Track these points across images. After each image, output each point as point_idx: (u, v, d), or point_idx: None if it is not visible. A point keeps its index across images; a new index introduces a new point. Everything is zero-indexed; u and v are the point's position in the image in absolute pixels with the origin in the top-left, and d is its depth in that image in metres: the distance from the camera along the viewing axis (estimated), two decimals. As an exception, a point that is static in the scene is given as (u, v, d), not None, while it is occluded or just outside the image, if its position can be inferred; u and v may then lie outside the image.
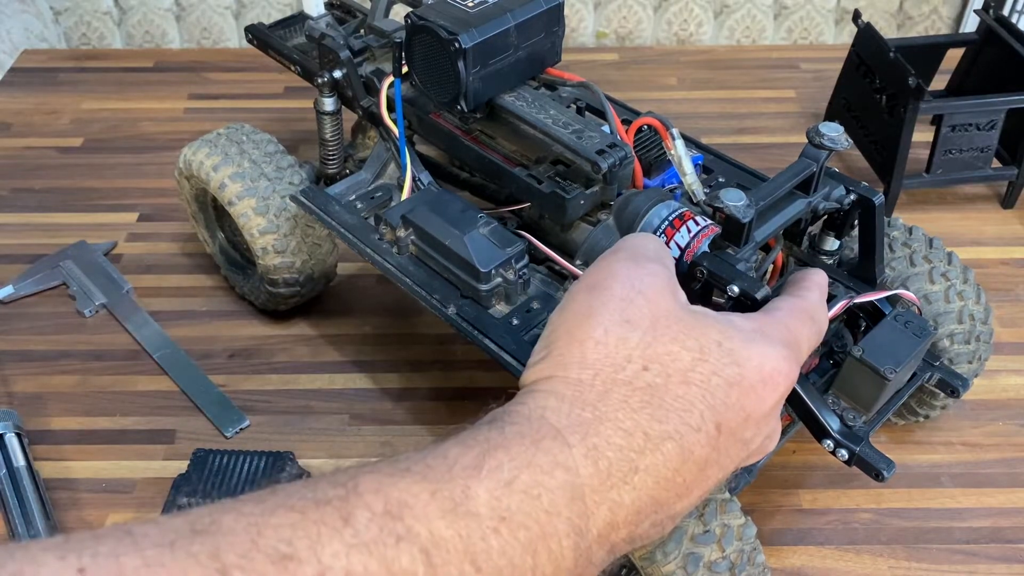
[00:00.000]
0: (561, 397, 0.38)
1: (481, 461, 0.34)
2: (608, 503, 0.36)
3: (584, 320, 0.41)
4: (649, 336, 0.39)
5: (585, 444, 0.36)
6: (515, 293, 0.64)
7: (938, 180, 0.99)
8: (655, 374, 0.38)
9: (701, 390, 0.39)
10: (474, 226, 0.64)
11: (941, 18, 1.33)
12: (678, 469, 0.38)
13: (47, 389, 0.82)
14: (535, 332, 0.63)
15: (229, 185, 0.78)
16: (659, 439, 0.37)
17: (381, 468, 0.34)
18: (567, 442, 0.36)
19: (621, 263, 0.44)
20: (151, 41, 1.35)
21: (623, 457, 0.36)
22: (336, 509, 0.31)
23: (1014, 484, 0.74)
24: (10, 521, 0.68)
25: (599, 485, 0.35)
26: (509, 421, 0.37)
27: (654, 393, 0.38)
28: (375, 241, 0.70)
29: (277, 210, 0.79)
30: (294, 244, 0.80)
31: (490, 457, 0.34)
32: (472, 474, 0.33)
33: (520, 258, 0.64)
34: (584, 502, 0.35)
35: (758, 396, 0.40)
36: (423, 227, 0.66)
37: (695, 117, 1.16)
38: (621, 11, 1.33)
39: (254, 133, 0.82)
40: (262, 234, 0.79)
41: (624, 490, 0.36)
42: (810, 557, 0.69)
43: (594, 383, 0.38)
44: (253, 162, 0.79)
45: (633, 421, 0.37)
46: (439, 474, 0.33)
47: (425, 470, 0.34)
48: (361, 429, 0.79)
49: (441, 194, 0.71)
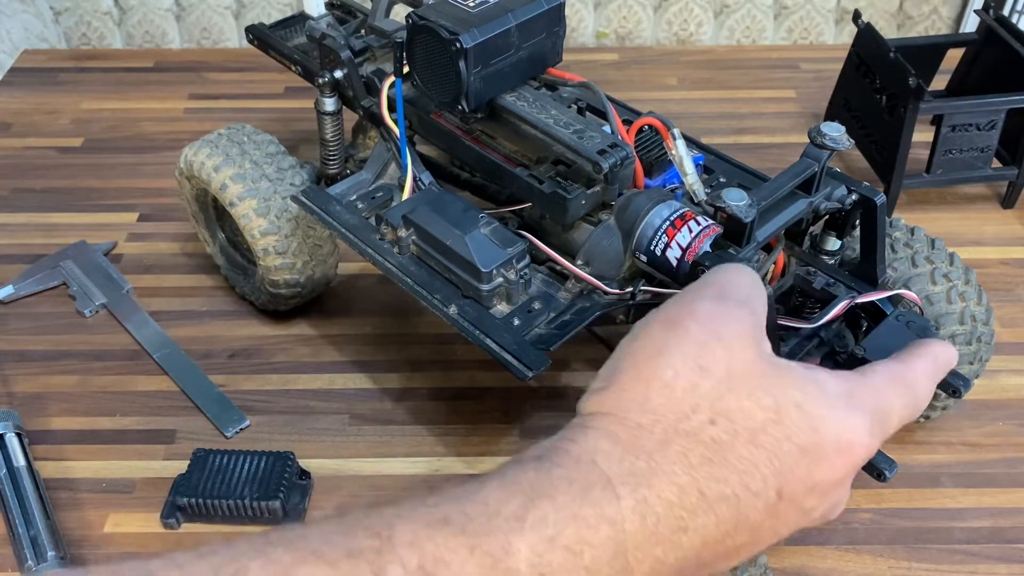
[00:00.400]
0: (616, 441, 0.35)
1: (525, 512, 0.32)
2: (651, 560, 0.34)
3: (654, 357, 0.38)
4: (723, 387, 0.36)
5: (635, 497, 0.34)
6: (516, 293, 0.64)
7: (938, 180, 0.99)
8: (722, 429, 0.36)
9: (768, 453, 0.36)
10: (475, 226, 0.64)
11: (941, 18, 1.33)
12: (729, 532, 0.35)
13: (47, 389, 0.82)
14: (536, 332, 0.63)
15: (230, 186, 0.78)
16: (714, 500, 0.35)
17: (418, 515, 0.32)
18: (616, 493, 0.33)
19: (704, 302, 0.40)
20: (151, 41, 1.35)
21: (673, 515, 0.34)
22: (369, 564, 0.30)
23: (1014, 484, 0.74)
24: (10, 521, 0.68)
25: (643, 542, 0.33)
26: (557, 463, 0.35)
27: (717, 450, 0.35)
28: (376, 241, 0.70)
29: (278, 211, 0.78)
30: (295, 245, 0.80)
31: (534, 508, 0.32)
32: (515, 527, 0.32)
33: (521, 258, 0.64)
34: (627, 558, 0.33)
35: (830, 465, 0.37)
36: (424, 227, 0.66)
37: (695, 117, 1.16)
38: (621, 11, 1.33)
39: (255, 134, 0.82)
40: (263, 235, 0.79)
41: (669, 548, 0.34)
42: (810, 557, 0.69)
43: (654, 430, 0.35)
44: (254, 163, 0.79)
45: (690, 477, 0.35)
46: (478, 526, 0.32)
47: (464, 521, 0.32)
48: (361, 429, 0.79)
49: (442, 194, 0.71)
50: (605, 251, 0.65)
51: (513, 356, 0.61)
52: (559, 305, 0.65)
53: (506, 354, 0.61)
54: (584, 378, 0.83)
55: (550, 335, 0.63)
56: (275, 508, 0.69)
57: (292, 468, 0.72)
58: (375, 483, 0.74)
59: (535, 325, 0.63)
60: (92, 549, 0.69)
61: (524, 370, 0.60)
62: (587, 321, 0.64)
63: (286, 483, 0.70)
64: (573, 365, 0.84)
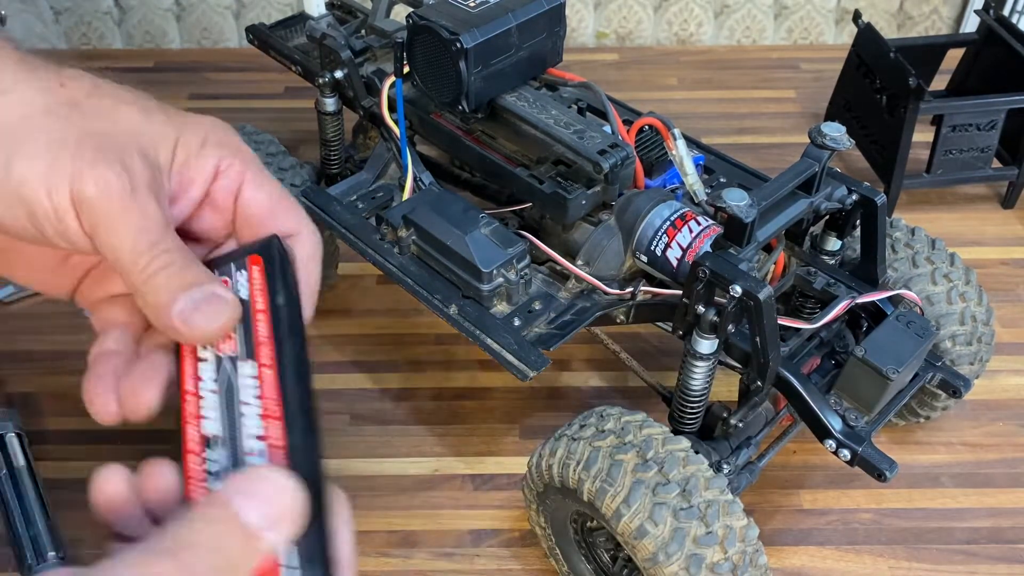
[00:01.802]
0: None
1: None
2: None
3: None
4: None
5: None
6: (517, 293, 0.64)
7: (938, 180, 0.99)
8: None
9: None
10: (476, 226, 0.64)
11: (941, 18, 1.33)
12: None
13: (47, 389, 0.82)
14: (536, 332, 0.63)
15: None
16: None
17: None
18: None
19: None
20: (151, 41, 1.35)
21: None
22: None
23: (1014, 484, 0.74)
24: (10, 521, 0.68)
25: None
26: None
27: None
28: (376, 241, 0.70)
29: None
30: None
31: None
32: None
33: (522, 258, 0.64)
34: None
35: None
36: (424, 227, 0.66)
37: (695, 117, 1.16)
38: (621, 11, 1.33)
39: (256, 134, 0.82)
40: None
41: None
42: (811, 557, 0.69)
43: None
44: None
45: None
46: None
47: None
48: (361, 429, 0.79)
49: (442, 194, 0.71)
50: (605, 251, 0.65)
51: (514, 356, 0.61)
52: (559, 305, 0.65)
53: (507, 354, 0.61)
54: (584, 378, 0.83)
55: (550, 335, 0.63)
56: (275, 508, 0.69)
57: (292, 468, 0.72)
58: (375, 483, 0.74)
59: (535, 325, 0.63)
60: (92, 549, 0.69)
61: (525, 370, 0.60)
62: (587, 321, 0.64)
63: (286, 483, 0.70)
64: (573, 365, 0.84)
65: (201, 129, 0.33)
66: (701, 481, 0.54)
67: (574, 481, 0.56)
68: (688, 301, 0.57)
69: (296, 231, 0.35)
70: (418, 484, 0.74)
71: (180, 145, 0.32)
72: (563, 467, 0.57)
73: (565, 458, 0.57)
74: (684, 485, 0.54)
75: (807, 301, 0.68)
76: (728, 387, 0.73)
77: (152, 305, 0.31)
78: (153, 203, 0.31)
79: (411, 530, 0.71)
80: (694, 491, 0.54)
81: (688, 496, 0.53)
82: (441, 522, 0.72)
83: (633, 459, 0.55)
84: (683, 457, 0.55)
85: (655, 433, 0.57)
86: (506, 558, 0.69)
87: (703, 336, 0.58)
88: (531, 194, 0.66)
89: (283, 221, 0.34)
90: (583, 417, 0.61)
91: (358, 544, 0.73)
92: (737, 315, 0.56)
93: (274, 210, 0.34)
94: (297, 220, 0.35)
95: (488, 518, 0.72)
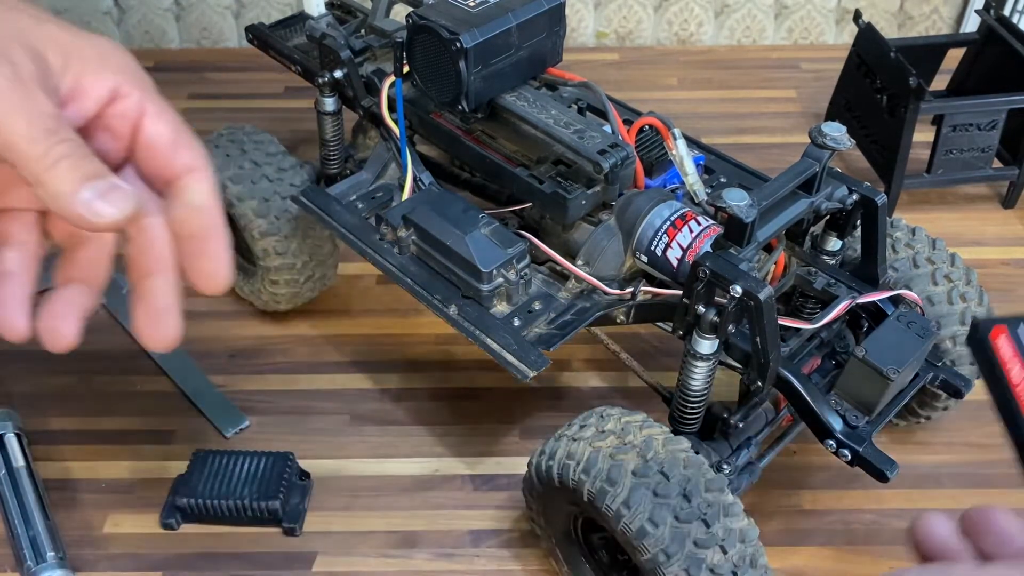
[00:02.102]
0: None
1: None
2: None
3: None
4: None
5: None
6: (516, 293, 0.64)
7: (939, 180, 0.99)
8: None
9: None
10: (475, 226, 0.64)
11: (942, 18, 1.33)
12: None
13: (47, 389, 0.82)
14: (536, 332, 0.63)
15: (229, 186, 0.78)
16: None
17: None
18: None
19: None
20: (151, 41, 1.35)
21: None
22: None
23: (1016, 485, 0.74)
24: (10, 521, 0.68)
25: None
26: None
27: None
28: (376, 241, 0.69)
29: (278, 212, 0.78)
30: (295, 246, 0.80)
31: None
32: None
33: (522, 258, 0.64)
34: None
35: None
36: (424, 227, 0.65)
37: (695, 117, 1.16)
38: (621, 11, 1.33)
39: (256, 133, 0.82)
40: (263, 236, 0.78)
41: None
42: (811, 557, 0.69)
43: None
44: (254, 163, 0.79)
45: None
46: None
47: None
48: (361, 429, 0.79)
49: (442, 194, 0.71)
50: (605, 251, 0.65)
51: (514, 356, 0.61)
52: (559, 305, 0.65)
53: (507, 354, 0.61)
54: (584, 378, 0.83)
55: (550, 335, 0.63)
56: (275, 509, 0.69)
57: (292, 469, 0.72)
58: (375, 484, 0.74)
59: (535, 325, 0.63)
60: (92, 549, 0.69)
61: (525, 370, 0.60)
62: (587, 321, 0.64)
63: (286, 484, 0.70)
64: (573, 365, 0.84)
65: (98, 46, 0.34)
66: (702, 482, 0.54)
67: (574, 482, 0.56)
68: (688, 301, 0.57)
69: (195, 167, 0.35)
70: (418, 484, 0.74)
71: (74, 55, 0.32)
72: (563, 468, 0.57)
73: (565, 459, 0.57)
74: (684, 486, 0.54)
75: (807, 301, 0.68)
76: (729, 387, 0.73)
77: (54, 194, 0.30)
78: (42, 95, 0.30)
79: (411, 530, 0.71)
80: (694, 492, 0.53)
81: (688, 497, 0.53)
82: (441, 522, 0.72)
83: (633, 460, 0.55)
84: (684, 458, 0.55)
85: (655, 434, 0.57)
86: (506, 558, 0.69)
87: (703, 336, 0.57)
88: (531, 194, 0.66)
89: (184, 155, 0.34)
90: (583, 418, 0.61)
91: (358, 544, 0.72)
92: (737, 315, 0.56)
93: (176, 143, 0.34)
94: (196, 156, 0.35)
95: (488, 518, 0.72)
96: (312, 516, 0.72)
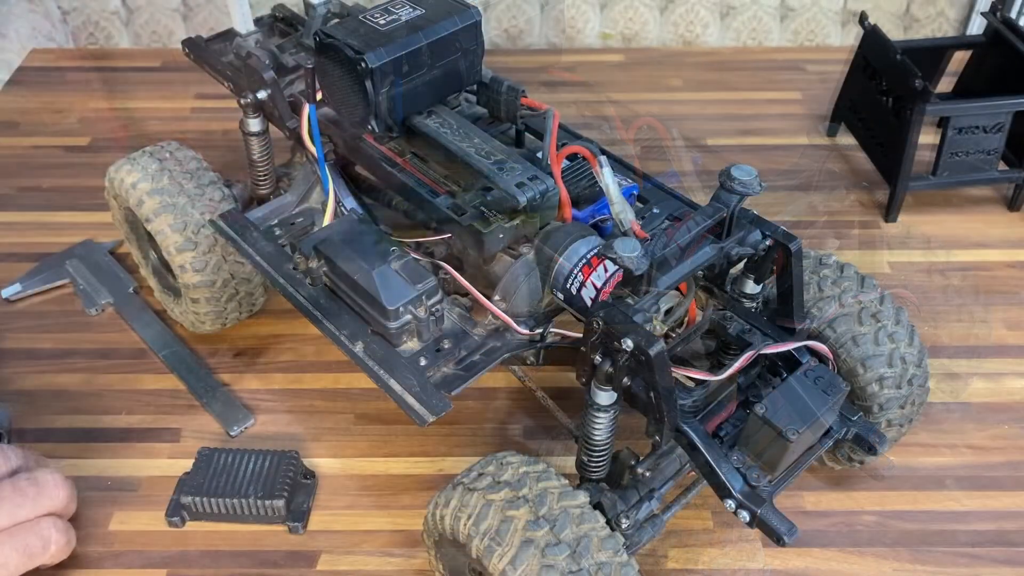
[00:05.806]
0: None
1: None
2: None
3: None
4: None
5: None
6: (427, 330, 0.62)
7: (944, 182, 0.99)
8: None
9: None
10: (385, 260, 0.62)
11: (947, 20, 1.33)
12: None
13: (53, 387, 0.82)
14: (443, 372, 0.62)
15: (146, 201, 0.76)
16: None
17: None
18: None
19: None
20: (158, 41, 1.36)
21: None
22: None
23: (1019, 487, 0.74)
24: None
25: None
26: None
27: None
28: (289, 272, 0.67)
29: (195, 227, 0.76)
30: (214, 262, 0.77)
31: None
32: None
33: (432, 294, 0.62)
34: None
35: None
36: (334, 259, 0.63)
37: (700, 118, 1.16)
38: (627, 12, 1.33)
39: (179, 150, 0.80)
40: (179, 251, 0.76)
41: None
42: (814, 559, 0.69)
43: None
44: (172, 179, 0.77)
45: None
46: None
47: None
48: (366, 428, 0.79)
49: (356, 224, 0.68)
50: (521, 287, 0.63)
51: (416, 399, 0.59)
52: (471, 343, 0.63)
53: (408, 397, 0.59)
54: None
55: (455, 376, 0.61)
56: (279, 507, 0.69)
57: (297, 467, 0.72)
58: (379, 483, 0.75)
59: (443, 365, 0.62)
60: (97, 547, 0.70)
61: (425, 414, 0.59)
62: (494, 363, 0.62)
63: (290, 482, 0.70)
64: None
65: None
66: (594, 541, 0.52)
67: (464, 536, 0.54)
68: (585, 350, 0.55)
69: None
70: (421, 484, 0.75)
71: None
72: (455, 519, 0.55)
73: (457, 510, 0.55)
74: (575, 546, 0.52)
75: (729, 346, 0.64)
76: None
77: None
78: None
79: (415, 530, 0.71)
80: (585, 553, 0.52)
81: (578, 558, 0.51)
82: (445, 522, 0.72)
83: (525, 515, 0.53)
84: (577, 515, 0.53)
85: (552, 487, 0.55)
86: (509, 558, 0.69)
87: (600, 388, 0.56)
88: (449, 224, 0.64)
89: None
90: (482, 464, 0.58)
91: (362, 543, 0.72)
92: (631, 369, 0.53)
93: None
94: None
95: (491, 518, 0.72)
96: (316, 515, 0.72)
